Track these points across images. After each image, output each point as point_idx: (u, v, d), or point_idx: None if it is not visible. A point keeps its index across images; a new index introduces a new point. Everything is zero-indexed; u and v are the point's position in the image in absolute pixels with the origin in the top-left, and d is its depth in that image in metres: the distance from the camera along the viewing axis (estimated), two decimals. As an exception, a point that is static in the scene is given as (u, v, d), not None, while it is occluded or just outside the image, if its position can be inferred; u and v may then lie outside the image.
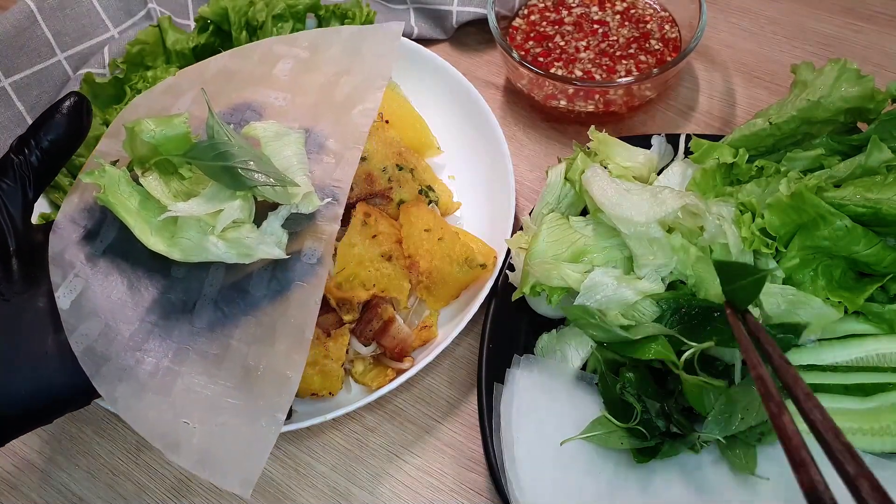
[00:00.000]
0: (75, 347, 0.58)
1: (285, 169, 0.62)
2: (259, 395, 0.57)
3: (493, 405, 0.71)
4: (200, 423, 0.57)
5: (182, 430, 0.57)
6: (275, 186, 0.59)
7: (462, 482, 0.75)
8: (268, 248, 0.60)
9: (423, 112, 0.92)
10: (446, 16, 1.05)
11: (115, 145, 0.67)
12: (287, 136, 0.65)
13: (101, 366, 0.58)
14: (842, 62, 0.75)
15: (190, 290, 0.61)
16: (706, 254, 0.70)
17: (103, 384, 0.58)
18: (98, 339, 0.59)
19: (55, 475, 0.79)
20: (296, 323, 0.59)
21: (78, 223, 0.64)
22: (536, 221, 0.76)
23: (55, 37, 1.01)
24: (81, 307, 0.60)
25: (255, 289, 0.61)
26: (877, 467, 0.66)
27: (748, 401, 0.65)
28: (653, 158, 0.81)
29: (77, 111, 0.62)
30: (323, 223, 0.63)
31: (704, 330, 0.67)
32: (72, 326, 0.59)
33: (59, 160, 0.63)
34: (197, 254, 0.60)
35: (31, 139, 0.61)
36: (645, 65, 0.94)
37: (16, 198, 0.60)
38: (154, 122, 0.60)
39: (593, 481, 0.68)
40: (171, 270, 0.62)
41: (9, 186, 0.60)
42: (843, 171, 0.71)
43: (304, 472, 0.77)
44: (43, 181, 0.62)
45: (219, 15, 0.93)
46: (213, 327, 0.60)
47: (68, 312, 0.59)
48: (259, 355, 0.58)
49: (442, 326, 0.81)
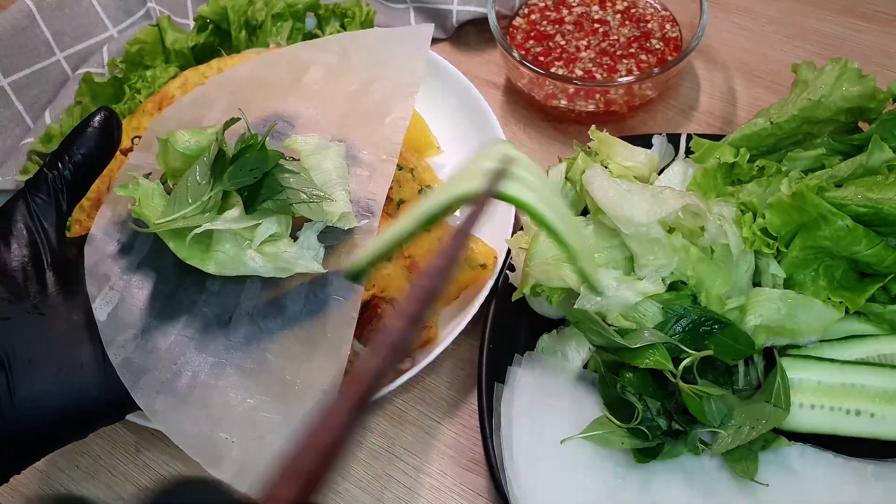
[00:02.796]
0: (113, 359, 0.57)
1: (325, 183, 0.62)
2: (297, 410, 0.56)
3: (493, 405, 0.71)
4: (239, 437, 0.56)
5: (222, 444, 0.56)
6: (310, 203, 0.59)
7: (462, 482, 0.75)
8: (306, 263, 0.59)
9: (423, 112, 0.91)
10: (446, 15, 1.05)
11: (147, 158, 0.67)
12: (327, 150, 0.64)
13: (139, 378, 0.57)
14: (843, 61, 0.75)
15: (226, 303, 0.61)
16: (707, 254, 0.70)
17: (142, 397, 0.57)
18: (135, 352, 0.58)
19: (55, 475, 0.78)
20: (333, 338, 0.59)
21: (112, 236, 0.64)
22: (537, 221, 0.76)
23: (54, 36, 1.01)
24: (118, 319, 0.59)
25: (292, 303, 0.60)
26: (882, 478, 0.66)
27: (756, 411, 0.65)
28: (653, 158, 0.80)
29: (108, 125, 0.64)
30: (360, 237, 0.63)
31: (704, 338, 0.67)
32: (109, 338, 0.58)
33: (91, 174, 0.64)
34: (233, 267, 0.59)
35: (65, 154, 0.62)
36: (646, 64, 0.94)
37: (50, 212, 0.61)
38: (189, 133, 0.60)
39: (593, 481, 0.67)
40: (207, 283, 0.61)
41: (43, 201, 0.61)
42: (844, 171, 0.71)
43: (303, 473, 0.77)
44: (76, 195, 0.63)
45: (218, 14, 0.93)
46: (250, 341, 0.60)
47: (105, 324, 0.59)
48: (296, 371, 0.58)
49: (442, 326, 0.81)
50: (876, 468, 0.67)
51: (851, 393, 0.67)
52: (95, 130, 0.63)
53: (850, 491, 0.66)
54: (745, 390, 0.69)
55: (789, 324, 0.68)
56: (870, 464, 0.67)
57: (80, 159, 0.62)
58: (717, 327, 0.67)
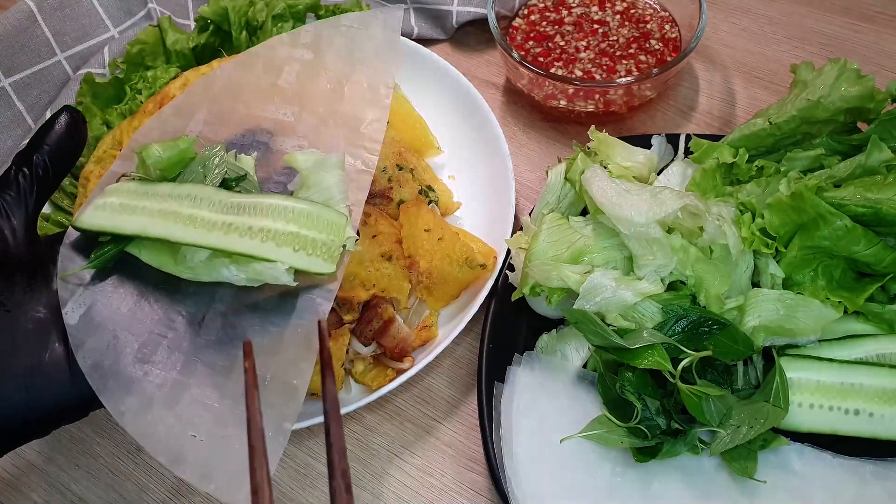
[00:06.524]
0: (82, 364, 0.58)
1: (326, 200, 0.63)
2: (267, 405, 0.56)
3: (493, 405, 0.71)
4: (208, 435, 0.57)
5: (188, 444, 0.56)
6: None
7: (462, 482, 0.75)
8: (277, 275, 0.59)
9: (423, 112, 0.92)
10: (446, 16, 1.05)
11: (128, 167, 0.68)
12: (327, 163, 0.65)
13: (108, 380, 0.58)
14: (842, 62, 0.75)
15: (199, 303, 0.62)
16: (706, 254, 0.70)
17: (110, 400, 0.57)
18: (106, 353, 0.59)
19: (55, 475, 0.79)
20: (303, 332, 0.59)
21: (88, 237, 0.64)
22: (536, 221, 0.76)
23: (55, 37, 1.01)
24: (91, 320, 0.60)
25: (265, 302, 0.61)
26: (880, 478, 0.66)
27: (755, 411, 0.65)
28: (653, 158, 0.81)
29: (73, 123, 0.64)
30: None
31: (703, 338, 0.67)
32: (79, 341, 0.58)
33: (59, 172, 0.64)
34: (207, 274, 0.60)
35: (33, 153, 0.63)
36: (645, 65, 0.94)
37: (19, 210, 0.61)
38: (161, 147, 0.62)
39: (593, 480, 0.68)
40: (181, 285, 0.62)
41: (12, 199, 0.61)
42: (843, 171, 0.71)
43: (304, 472, 0.77)
44: (45, 193, 0.63)
45: (219, 15, 0.93)
46: (222, 339, 0.60)
47: (76, 327, 0.59)
48: (266, 365, 0.58)
49: (442, 326, 0.81)
50: (874, 468, 0.67)
51: (850, 392, 0.67)
52: (62, 129, 0.64)
53: (849, 490, 0.66)
54: (744, 390, 0.69)
55: (788, 324, 0.68)
56: (868, 463, 0.67)
57: (48, 158, 0.63)
58: (716, 328, 0.67)
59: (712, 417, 0.65)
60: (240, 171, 0.64)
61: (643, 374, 0.68)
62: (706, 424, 0.65)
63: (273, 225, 0.59)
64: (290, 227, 0.59)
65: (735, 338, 0.67)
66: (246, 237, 0.58)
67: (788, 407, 0.66)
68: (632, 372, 0.68)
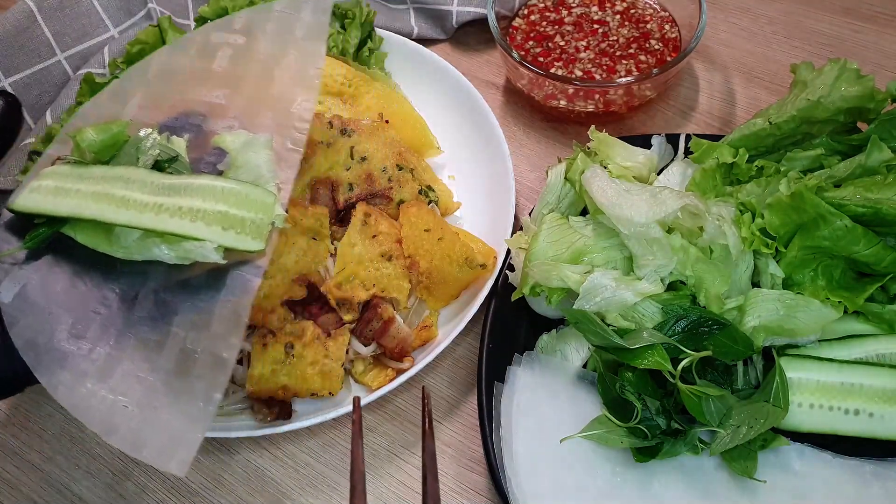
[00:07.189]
0: (16, 341, 0.60)
1: (256, 179, 0.65)
2: (197, 376, 0.59)
3: (493, 405, 0.71)
4: (139, 406, 0.58)
5: (120, 414, 0.58)
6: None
7: (462, 482, 0.75)
8: (206, 253, 0.61)
9: (423, 112, 0.92)
10: (446, 16, 1.05)
11: (63, 151, 0.70)
12: (255, 142, 0.67)
13: (42, 356, 0.60)
14: (841, 62, 0.75)
15: (133, 281, 0.63)
16: (706, 254, 0.70)
17: (44, 375, 0.60)
18: (40, 330, 0.61)
19: (55, 475, 0.79)
20: (232, 307, 0.61)
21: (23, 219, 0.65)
22: (536, 221, 0.76)
23: (55, 37, 1.01)
24: (25, 299, 0.62)
25: (196, 279, 0.63)
26: (880, 477, 0.66)
27: (755, 411, 0.65)
28: (653, 158, 0.81)
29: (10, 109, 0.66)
30: None
31: (703, 338, 0.67)
32: (13, 319, 0.61)
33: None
34: (139, 253, 0.62)
35: None
36: (645, 65, 0.94)
37: None
38: (94, 131, 0.64)
39: (593, 480, 0.68)
40: (115, 264, 0.64)
41: None
42: (842, 171, 0.71)
43: (304, 472, 0.77)
44: None
45: (219, 15, 0.93)
46: (154, 315, 0.62)
47: (10, 306, 0.61)
48: (197, 339, 0.60)
49: (442, 326, 0.81)
50: (874, 468, 0.67)
51: (850, 392, 0.67)
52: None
53: (849, 490, 0.66)
54: (743, 390, 0.69)
55: (788, 324, 0.68)
56: (868, 463, 0.67)
57: None
58: (716, 328, 0.67)
59: (712, 417, 0.65)
60: (172, 153, 0.66)
61: (643, 374, 0.68)
62: (706, 424, 0.65)
63: (202, 205, 0.61)
64: (218, 206, 0.62)
65: (735, 338, 0.67)
66: (176, 217, 0.61)
67: (788, 407, 0.66)
68: (632, 372, 0.68)
